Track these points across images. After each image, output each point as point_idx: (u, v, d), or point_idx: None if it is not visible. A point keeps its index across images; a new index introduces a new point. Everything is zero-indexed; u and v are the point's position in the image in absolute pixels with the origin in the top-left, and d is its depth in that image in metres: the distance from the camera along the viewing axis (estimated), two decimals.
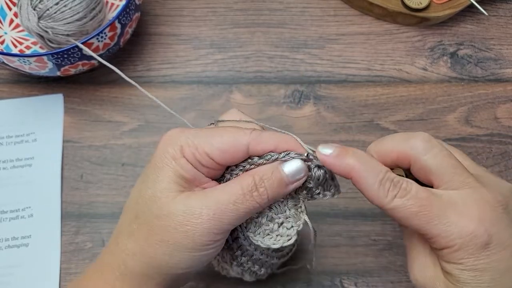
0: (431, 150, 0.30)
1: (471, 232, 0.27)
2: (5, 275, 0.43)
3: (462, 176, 0.29)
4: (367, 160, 0.30)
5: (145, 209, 0.30)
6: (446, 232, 0.28)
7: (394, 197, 0.29)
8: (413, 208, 0.28)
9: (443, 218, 0.28)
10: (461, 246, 0.28)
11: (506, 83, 0.51)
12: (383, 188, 0.29)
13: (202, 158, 0.29)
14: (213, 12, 0.55)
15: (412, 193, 0.29)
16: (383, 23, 0.54)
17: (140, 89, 0.37)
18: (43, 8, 0.45)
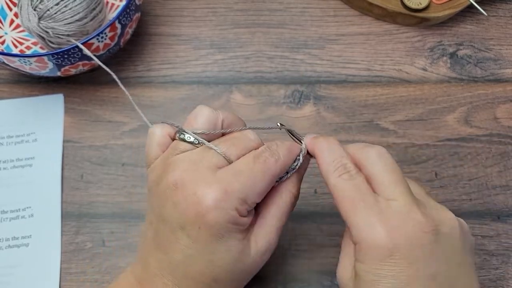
0: (381, 161, 0.31)
1: (378, 236, 0.29)
2: (5, 275, 0.43)
3: (399, 190, 0.30)
4: (333, 144, 0.33)
5: (227, 274, 0.32)
6: (360, 225, 0.29)
7: (339, 176, 0.31)
8: (348, 193, 0.30)
9: (365, 212, 0.29)
10: (370, 245, 0.29)
11: (505, 83, 0.51)
12: (334, 165, 0.31)
13: (252, 207, 0.32)
14: (213, 13, 0.55)
15: (355, 181, 0.31)
16: (383, 24, 0.54)
17: (127, 94, 0.38)
18: (44, 8, 0.45)
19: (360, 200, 0.30)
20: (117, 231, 0.45)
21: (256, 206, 0.33)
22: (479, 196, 0.46)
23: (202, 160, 0.31)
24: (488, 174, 0.47)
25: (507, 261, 0.43)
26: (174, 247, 0.31)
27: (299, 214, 0.44)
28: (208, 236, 0.30)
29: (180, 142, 0.33)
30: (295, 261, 0.43)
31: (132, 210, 0.46)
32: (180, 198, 0.30)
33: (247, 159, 0.32)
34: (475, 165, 0.47)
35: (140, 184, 0.47)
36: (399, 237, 0.28)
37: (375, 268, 0.29)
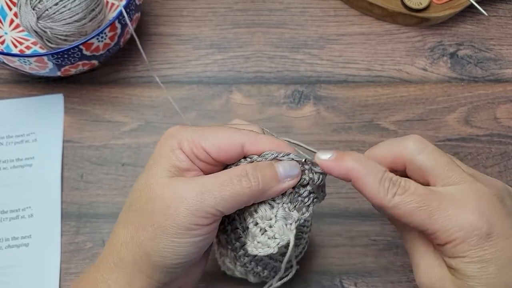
0: (424, 150, 0.30)
1: (472, 223, 0.28)
2: (5, 275, 0.43)
3: (456, 172, 0.30)
4: (365, 161, 0.30)
5: (137, 196, 0.30)
6: (447, 226, 0.28)
7: (394, 195, 0.29)
8: (413, 204, 0.29)
9: (443, 212, 0.28)
10: (464, 238, 0.28)
11: (506, 83, 0.51)
12: (383, 187, 0.29)
13: (199, 152, 0.30)
14: (213, 13, 0.55)
15: (411, 190, 0.29)
16: (383, 24, 0.54)
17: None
18: (42, 8, 0.45)
19: (429, 205, 0.28)
20: None
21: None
22: None
23: None
24: (488, 174, 0.46)
25: None
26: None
27: None
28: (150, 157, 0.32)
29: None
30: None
31: None
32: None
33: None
34: (475, 165, 0.47)
35: None
36: (488, 215, 0.28)
37: (477, 257, 0.28)
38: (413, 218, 0.29)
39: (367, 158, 0.31)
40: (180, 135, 0.31)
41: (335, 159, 0.30)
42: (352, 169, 0.30)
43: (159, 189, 0.29)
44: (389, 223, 0.45)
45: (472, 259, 0.28)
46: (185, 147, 0.30)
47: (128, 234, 0.30)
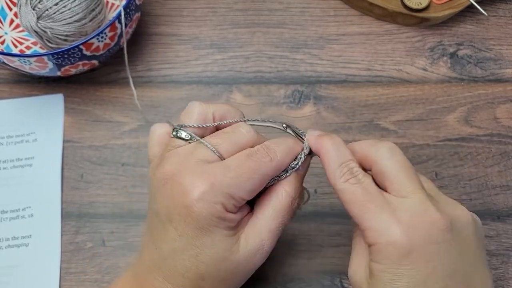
0: (393, 157, 0.31)
1: (395, 236, 0.28)
2: (5, 275, 0.43)
3: (412, 186, 0.30)
4: (338, 145, 0.32)
5: (213, 270, 0.31)
6: (375, 228, 0.29)
7: (346, 181, 0.31)
8: (357, 196, 0.30)
9: (378, 214, 0.29)
10: (387, 245, 0.28)
11: (506, 83, 0.51)
12: (340, 171, 0.31)
13: (240, 203, 0.31)
14: (213, 12, 0.55)
15: (362, 184, 0.30)
16: (383, 23, 0.54)
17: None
18: (42, 8, 0.45)
19: (370, 202, 0.30)
20: (117, 231, 0.45)
21: (252, 205, 0.33)
22: (479, 196, 0.46)
23: (192, 154, 0.31)
24: (488, 174, 0.47)
25: (507, 261, 0.43)
26: (163, 239, 0.31)
27: (299, 214, 0.44)
28: (193, 229, 0.30)
29: (174, 139, 0.33)
30: (295, 261, 0.43)
31: (132, 210, 0.46)
32: (168, 190, 0.30)
33: (240, 156, 0.31)
34: (475, 165, 0.47)
35: (140, 184, 0.47)
36: (416, 235, 0.28)
37: (392, 268, 0.28)
38: (352, 209, 0.30)
39: (344, 144, 0.33)
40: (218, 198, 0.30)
41: (318, 136, 0.33)
42: (325, 147, 0.32)
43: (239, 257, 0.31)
44: None
45: (387, 269, 0.29)
46: (230, 207, 0.30)
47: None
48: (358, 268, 0.31)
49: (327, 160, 0.32)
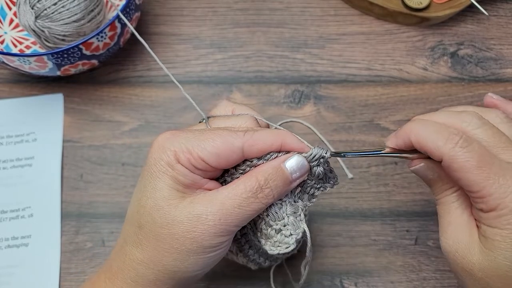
0: (482, 126, 0.30)
1: None
2: (5, 275, 0.43)
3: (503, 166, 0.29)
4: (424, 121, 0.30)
5: (148, 219, 0.30)
6: (501, 194, 0.27)
7: (455, 145, 0.28)
8: (472, 161, 0.28)
9: (502, 178, 0.28)
10: (510, 211, 0.27)
11: (506, 83, 0.51)
12: (442, 136, 0.29)
13: (197, 162, 0.29)
14: (214, 12, 0.55)
15: (473, 146, 0.28)
16: (384, 23, 0.54)
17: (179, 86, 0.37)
18: (41, 7, 0.44)
19: (489, 166, 0.28)
20: (117, 231, 0.45)
21: None
22: None
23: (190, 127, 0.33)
24: None
25: None
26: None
27: None
28: (145, 173, 0.30)
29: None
30: (295, 261, 0.43)
31: None
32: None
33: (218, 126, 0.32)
34: None
35: None
36: None
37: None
38: (469, 176, 0.28)
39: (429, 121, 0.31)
40: (174, 146, 0.30)
41: (396, 132, 0.31)
42: (411, 130, 0.30)
43: (176, 213, 0.29)
44: (389, 223, 0.45)
45: (509, 235, 0.27)
46: (182, 160, 0.29)
47: (146, 256, 0.30)
48: (458, 235, 0.30)
49: (424, 137, 0.29)
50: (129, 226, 0.31)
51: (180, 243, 0.29)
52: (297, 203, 0.32)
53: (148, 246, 0.30)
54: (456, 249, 0.30)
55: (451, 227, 0.31)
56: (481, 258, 0.29)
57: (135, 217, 0.31)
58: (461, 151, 0.28)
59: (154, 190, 0.30)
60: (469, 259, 0.29)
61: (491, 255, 0.28)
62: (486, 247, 0.29)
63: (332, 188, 0.33)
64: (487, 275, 0.29)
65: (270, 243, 0.32)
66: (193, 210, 0.29)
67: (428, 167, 0.31)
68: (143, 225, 0.30)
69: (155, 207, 0.29)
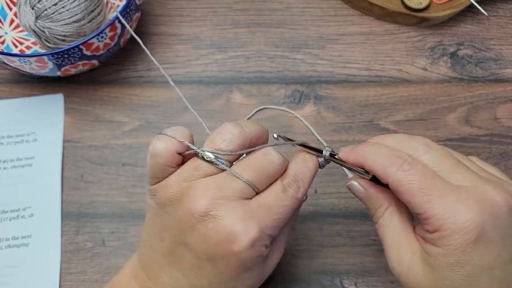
0: (430, 151, 0.30)
1: (467, 220, 0.27)
2: (5, 275, 0.43)
3: (462, 174, 0.29)
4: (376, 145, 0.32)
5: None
6: (443, 215, 0.28)
7: (398, 168, 0.29)
8: (415, 184, 0.28)
9: (443, 199, 0.28)
10: (453, 232, 0.27)
11: (506, 83, 0.51)
12: (389, 160, 0.29)
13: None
14: (214, 12, 0.55)
15: (416, 169, 0.29)
16: (383, 23, 0.54)
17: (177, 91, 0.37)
18: (41, 8, 0.45)
19: (431, 189, 0.28)
20: (117, 231, 0.45)
21: None
22: None
23: (228, 188, 0.30)
24: None
25: None
26: (197, 273, 0.31)
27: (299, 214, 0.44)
28: (236, 268, 0.30)
29: (203, 163, 0.31)
30: (295, 261, 0.43)
31: (132, 210, 0.46)
32: (211, 232, 0.29)
33: (276, 192, 0.31)
34: None
35: (140, 184, 0.47)
36: (484, 219, 0.27)
37: (457, 254, 0.27)
38: (413, 199, 0.29)
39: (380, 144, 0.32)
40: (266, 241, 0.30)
41: (351, 149, 0.33)
42: (363, 152, 0.31)
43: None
44: None
45: (451, 255, 0.28)
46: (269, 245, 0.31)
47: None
48: (401, 257, 0.30)
49: (371, 159, 0.31)
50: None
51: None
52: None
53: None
54: (401, 270, 0.30)
55: (392, 249, 0.31)
56: (423, 276, 0.29)
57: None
58: (404, 174, 0.29)
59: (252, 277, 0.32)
60: (414, 279, 0.30)
61: (434, 275, 0.29)
62: (429, 265, 0.29)
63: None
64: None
65: None
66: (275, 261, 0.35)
67: (359, 184, 0.33)
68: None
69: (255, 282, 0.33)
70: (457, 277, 0.28)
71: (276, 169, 0.31)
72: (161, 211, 0.32)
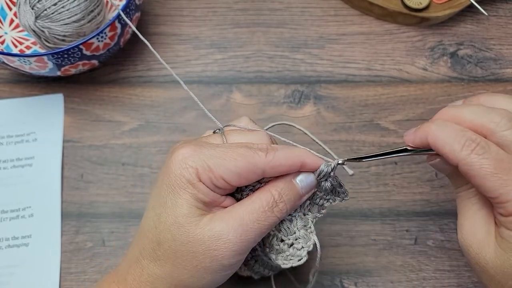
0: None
1: None
2: (5, 274, 0.43)
3: None
4: (443, 124, 0.30)
5: (168, 236, 0.30)
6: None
7: (470, 152, 0.28)
8: (488, 168, 0.28)
9: None
10: None
11: (506, 83, 0.51)
12: (459, 142, 0.28)
13: (218, 182, 0.30)
14: (214, 12, 0.55)
15: (491, 152, 0.28)
16: (383, 23, 0.54)
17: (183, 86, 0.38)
18: (41, 8, 0.45)
19: (506, 172, 0.27)
20: (117, 230, 0.45)
21: None
22: None
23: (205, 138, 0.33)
24: None
25: None
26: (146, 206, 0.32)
27: None
28: (165, 187, 0.30)
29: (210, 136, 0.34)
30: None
31: (132, 210, 0.46)
32: (168, 159, 0.31)
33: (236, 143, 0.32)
34: None
35: (140, 183, 0.47)
36: None
37: None
38: (486, 183, 0.28)
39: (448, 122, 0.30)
40: (196, 163, 0.29)
41: (415, 130, 0.31)
42: (430, 131, 0.30)
43: (196, 231, 0.29)
44: (389, 223, 0.45)
45: None
46: (204, 178, 0.29)
47: (164, 271, 0.30)
48: (475, 231, 0.30)
49: (440, 141, 0.29)
50: (146, 240, 0.31)
51: (200, 261, 0.29)
52: (307, 216, 0.33)
53: (167, 263, 0.30)
54: (471, 244, 0.30)
55: (468, 221, 0.31)
56: (494, 256, 0.29)
57: (153, 232, 0.30)
58: (476, 158, 0.28)
59: (175, 207, 0.30)
60: (483, 255, 0.30)
61: (505, 256, 0.29)
62: (501, 248, 0.29)
63: (342, 202, 0.34)
64: (499, 274, 0.29)
65: (283, 257, 0.33)
66: (214, 228, 0.29)
67: (444, 162, 0.31)
68: (162, 242, 0.30)
69: (175, 224, 0.30)
70: None
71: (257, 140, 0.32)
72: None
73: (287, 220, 0.33)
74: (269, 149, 0.30)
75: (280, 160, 0.30)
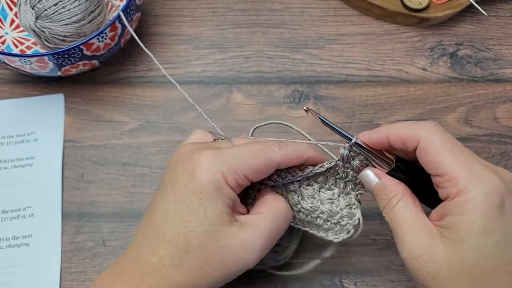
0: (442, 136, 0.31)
1: (492, 183, 0.28)
2: (5, 274, 0.43)
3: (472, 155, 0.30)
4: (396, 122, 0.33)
5: (199, 244, 0.30)
6: (470, 177, 0.28)
7: (432, 129, 0.30)
8: (447, 145, 0.29)
9: (471, 164, 0.29)
10: (480, 194, 0.27)
11: (505, 83, 0.51)
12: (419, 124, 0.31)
13: (242, 181, 0.31)
14: (214, 12, 0.55)
15: (448, 136, 0.30)
16: (383, 23, 0.54)
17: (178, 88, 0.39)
18: (41, 8, 0.45)
19: (461, 152, 0.29)
20: (117, 230, 0.45)
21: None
22: None
23: (213, 144, 0.34)
24: None
25: None
26: (159, 206, 0.32)
27: None
28: (191, 194, 0.30)
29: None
30: (295, 260, 0.43)
31: (132, 210, 0.46)
32: (179, 164, 0.32)
33: (249, 140, 0.33)
34: None
35: (140, 183, 0.47)
36: (504, 187, 0.28)
37: (485, 218, 0.27)
38: (442, 158, 0.29)
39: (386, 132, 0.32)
40: (220, 167, 0.30)
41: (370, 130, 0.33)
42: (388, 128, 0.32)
43: (228, 240, 0.30)
44: None
45: (477, 221, 0.27)
46: (230, 180, 0.31)
47: (189, 280, 0.30)
48: (419, 240, 0.30)
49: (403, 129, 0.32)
50: (171, 249, 0.30)
51: (228, 269, 0.30)
52: (350, 195, 0.35)
53: (193, 270, 0.30)
54: (419, 254, 0.29)
55: (409, 233, 0.30)
56: (447, 254, 0.28)
57: (181, 240, 0.30)
58: (438, 136, 0.30)
59: (206, 215, 0.30)
60: (434, 260, 0.29)
61: (458, 248, 0.28)
62: (453, 239, 0.28)
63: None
64: (454, 273, 0.28)
65: (333, 233, 0.36)
66: (242, 238, 0.31)
67: (374, 174, 0.33)
68: (191, 250, 0.30)
69: (208, 233, 0.30)
70: (486, 245, 0.27)
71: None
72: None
73: (329, 203, 0.35)
74: (279, 143, 0.33)
75: (291, 153, 0.33)
